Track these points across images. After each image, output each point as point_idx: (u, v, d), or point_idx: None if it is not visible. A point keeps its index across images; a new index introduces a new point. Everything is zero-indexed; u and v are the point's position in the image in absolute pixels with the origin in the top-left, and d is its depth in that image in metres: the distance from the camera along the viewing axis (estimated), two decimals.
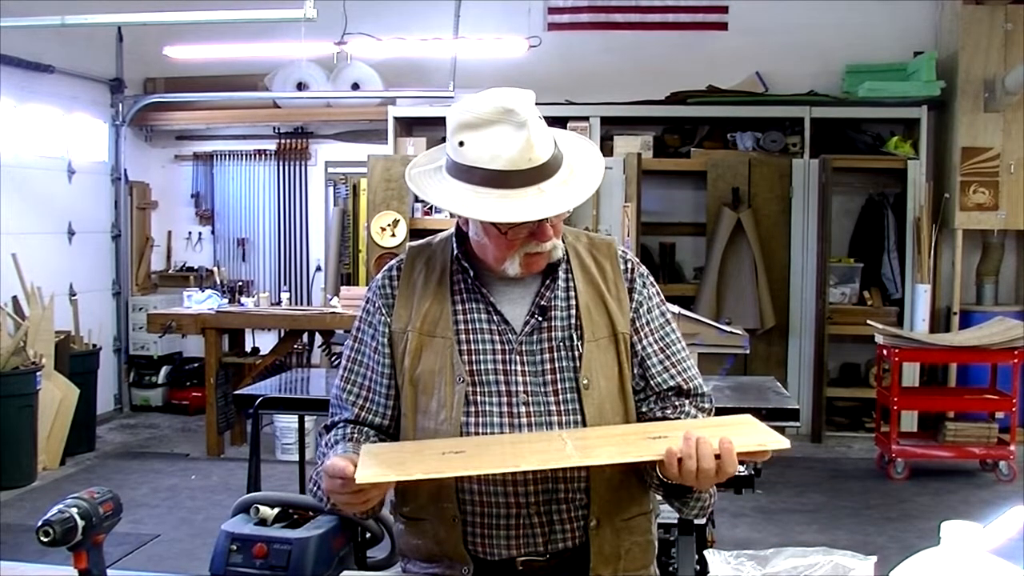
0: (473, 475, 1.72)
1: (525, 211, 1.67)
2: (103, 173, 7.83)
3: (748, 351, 5.51)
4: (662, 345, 1.87)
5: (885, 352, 6.10)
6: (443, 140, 1.79)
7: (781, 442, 1.58)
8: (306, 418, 5.03)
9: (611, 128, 7.40)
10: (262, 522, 1.71)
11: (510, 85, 1.78)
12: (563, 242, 1.86)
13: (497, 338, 1.80)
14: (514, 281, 1.82)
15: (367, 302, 1.91)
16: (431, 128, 7.85)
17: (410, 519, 1.84)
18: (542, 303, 1.81)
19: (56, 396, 6.09)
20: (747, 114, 7.34)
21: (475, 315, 1.82)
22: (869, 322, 6.43)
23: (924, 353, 6.26)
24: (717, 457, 1.56)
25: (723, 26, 7.68)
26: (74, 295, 7.07)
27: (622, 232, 6.93)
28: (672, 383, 1.85)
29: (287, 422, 6.30)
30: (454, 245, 1.86)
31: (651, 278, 1.93)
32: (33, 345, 5.94)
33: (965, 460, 6.17)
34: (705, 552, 1.83)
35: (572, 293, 1.84)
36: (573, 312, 1.82)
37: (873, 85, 7.08)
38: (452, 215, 1.82)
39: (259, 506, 1.74)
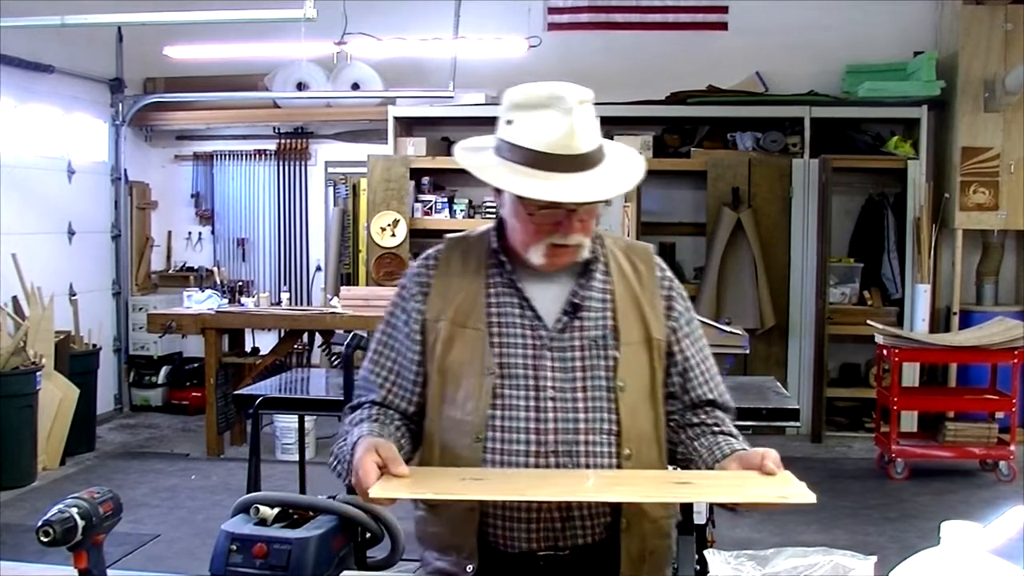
0: (488, 499, 1.73)
1: (552, 192, 1.68)
2: (103, 173, 7.83)
3: (748, 351, 5.51)
4: (701, 358, 1.91)
5: (885, 352, 6.10)
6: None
7: (804, 496, 1.56)
8: (306, 418, 5.03)
9: (611, 128, 7.39)
10: (262, 522, 1.71)
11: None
12: (601, 245, 1.88)
13: (528, 332, 1.81)
14: (549, 276, 1.83)
15: (402, 288, 1.92)
16: (431, 128, 7.85)
17: (429, 506, 1.86)
18: (575, 301, 1.82)
19: (56, 396, 6.09)
20: (747, 114, 7.35)
21: (508, 308, 1.83)
22: (869, 322, 6.43)
23: (924, 353, 6.26)
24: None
25: (723, 26, 7.68)
26: (74, 295, 7.06)
27: (622, 232, 6.93)
28: (710, 396, 1.89)
29: (287, 422, 6.29)
30: (492, 238, 1.88)
31: (684, 291, 1.96)
32: (33, 345, 5.94)
33: (965, 460, 6.16)
34: (705, 552, 1.83)
35: (608, 295, 1.85)
36: (608, 313, 1.83)
37: (873, 85, 7.08)
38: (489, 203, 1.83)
39: (259, 506, 1.73)
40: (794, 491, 1.58)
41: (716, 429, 1.86)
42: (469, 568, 1.79)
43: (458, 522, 1.79)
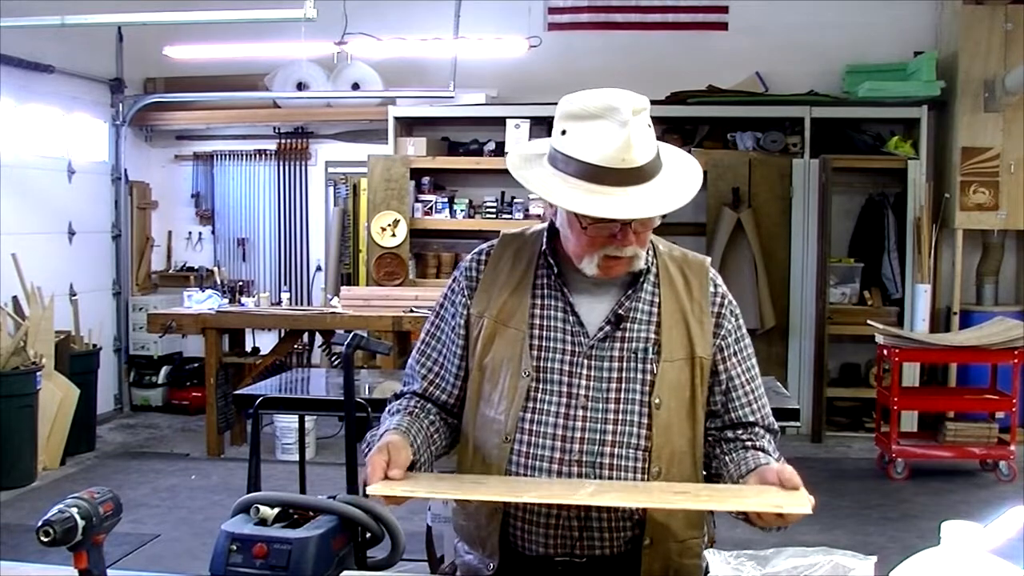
0: (477, 497, 1.75)
1: (607, 208, 1.65)
2: (103, 173, 7.83)
3: None
4: (748, 378, 1.87)
5: (885, 352, 6.10)
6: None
7: (800, 506, 1.55)
8: (306, 418, 5.03)
9: None
10: (262, 522, 1.71)
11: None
12: (654, 254, 1.85)
13: (569, 339, 1.79)
14: (598, 284, 1.81)
15: (453, 280, 1.92)
16: (431, 128, 7.85)
17: (460, 500, 1.87)
18: (620, 312, 1.79)
19: (56, 396, 6.09)
20: (747, 114, 7.35)
21: (552, 312, 1.81)
22: (869, 322, 6.43)
23: (924, 353, 6.26)
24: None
25: (723, 26, 7.68)
26: (74, 295, 7.07)
27: None
28: (751, 419, 1.86)
29: (287, 422, 6.30)
30: (544, 240, 1.86)
31: (738, 308, 1.91)
32: (33, 345, 5.94)
33: (965, 460, 6.16)
34: (705, 552, 1.83)
35: (655, 308, 1.81)
36: (653, 327, 1.80)
37: (873, 85, 7.08)
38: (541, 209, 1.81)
39: (259, 506, 1.73)
40: (791, 501, 1.57)
41: (748, 444, 1.83)
42: (491, 566, 1.80)
43: (483, 520, 1.81)
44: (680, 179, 1.75)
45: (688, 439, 1.80)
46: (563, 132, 1.71)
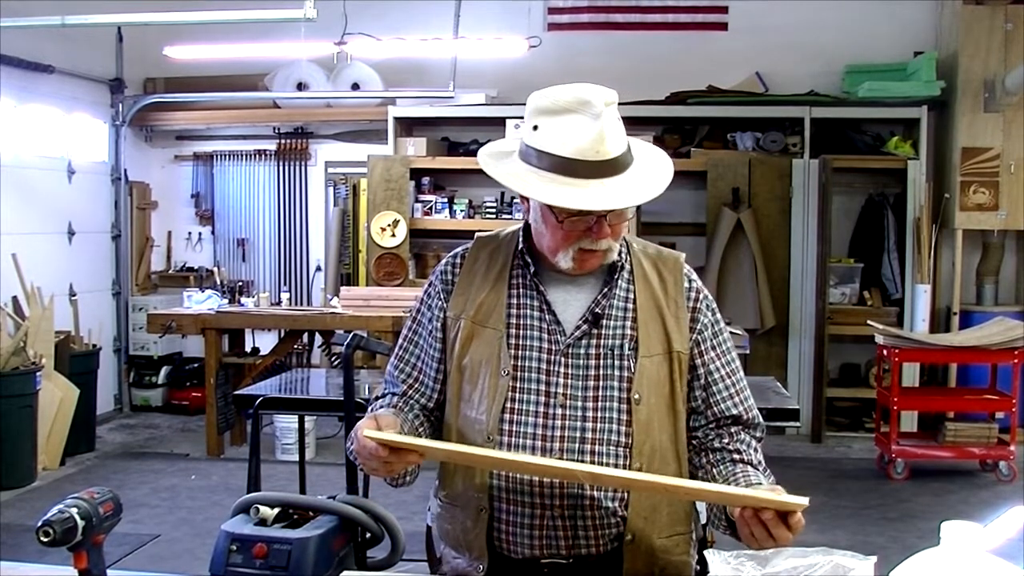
0: (469, 458, 1.74)
1: (584, 200, 1.65)
2: (103, 173, 7.83)
3: (748, 351, 5.52)
4: (728, 371, 1.86)
5: (885, 352, 6.10)
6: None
7: (797, 500, 1.51)
8: (306, 418, 5.03)
9: None
10: (262, 522, 1.71)
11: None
12: (628, 251, 1.85)
13: (546, 336, 1.79)
14: (573, 281, 1.82)
15: (429, 285, 1.93)
16: (431, 128, 7.85)
17: (445, 503, 1.87)
18: (597, 310, 1.80)
19: (56, 396, 6.09)
20: (747, 114, 7.35)
21: (528, 311, 1.81)
22: (869, 322, 6.43)
23: (924, 353, 6.26)
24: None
25: (723, 26, 7.68)
26: (74, 295, 7.07)
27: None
28: (734, 412, 1.85)
29: (287, 422, 6.30)
30: (520, 239, 1.87)
31: (714, 303, 1.90)
32: (33, 345, 5.94)
33: (965, 460, 6.16)
34: (705, 552, 1.83)
35: (631, 304, 1.81)
36: (629, 323, 1.80)
37: (873, 85, 7.09)
38: (512, 206, 1.81)
39: (259, 506, 1.73)
40: (787, 497, 1.55)
41: (736, 457, 1.81)
42: (481, 568, 1.79)
43: (468, 523, 1.80)
44: (652, 171, 1.76)
45: (669, 435, 1.80)
46: (535, 128, 1.71)
